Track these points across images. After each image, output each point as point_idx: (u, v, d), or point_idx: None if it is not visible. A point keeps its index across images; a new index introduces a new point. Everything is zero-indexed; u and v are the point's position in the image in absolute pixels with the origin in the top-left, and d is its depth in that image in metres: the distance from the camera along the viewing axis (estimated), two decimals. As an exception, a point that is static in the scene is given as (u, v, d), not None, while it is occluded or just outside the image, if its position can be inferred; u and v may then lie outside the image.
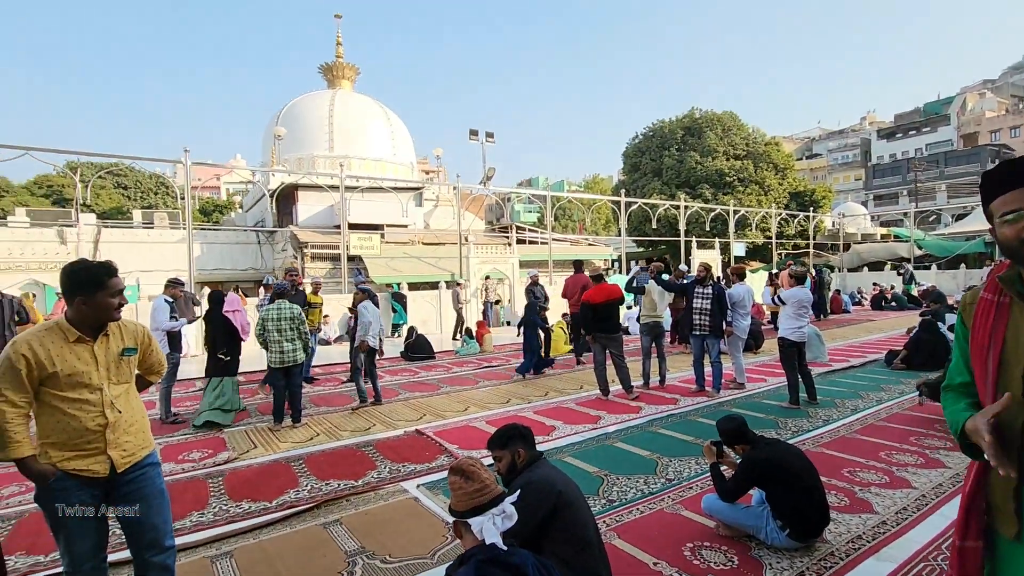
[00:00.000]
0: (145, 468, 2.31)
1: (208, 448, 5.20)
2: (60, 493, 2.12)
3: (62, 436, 2.12)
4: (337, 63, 30.62)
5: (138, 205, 38.25)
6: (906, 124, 57.28)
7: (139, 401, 2.39)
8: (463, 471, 1.96)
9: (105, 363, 2.22)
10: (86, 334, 2.19)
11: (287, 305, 5.97)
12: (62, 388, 2.11)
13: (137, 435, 2.30)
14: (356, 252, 17.82)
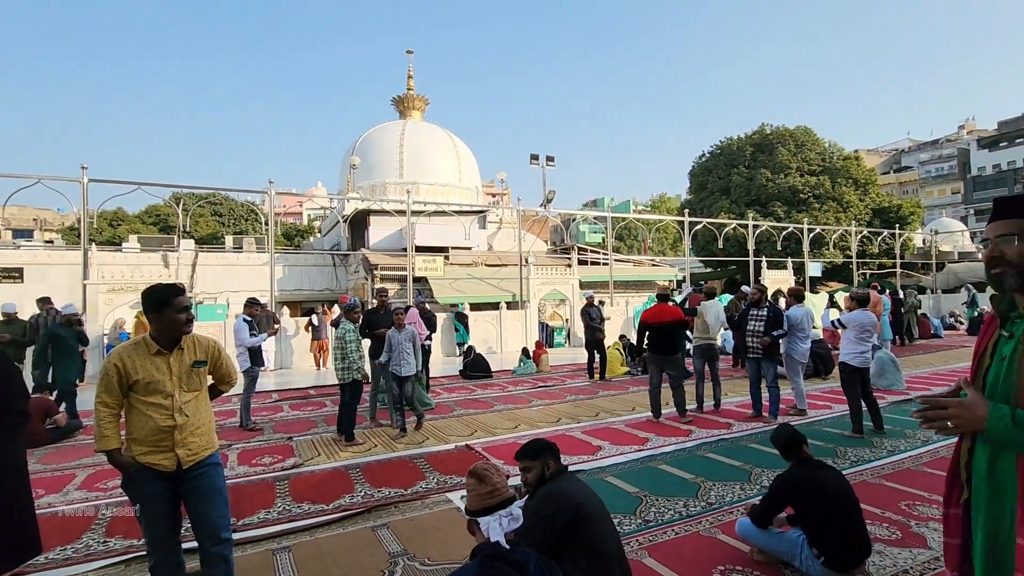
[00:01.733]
0: (207, 467, 2.67)
1: (278, 454, 5.69)
2: (138, 482, 2.54)
3: (141, 433, 2.54)
4: (408, 95, 32.37)
5: (231, 231, 41.76)
6: (1012, 132, 52.23)
7: (208, 407, 2.77)
8: (477, 474, 2.15)
9: (178, 373, 2.62)
10: (164, 347, 2.61)
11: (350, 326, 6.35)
12: (142, 393, 2.54)
13: (202, 437, 2.67)
14: (421, 274, 18.60)
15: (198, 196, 37.80)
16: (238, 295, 21.04)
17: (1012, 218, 1.49)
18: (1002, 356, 1.50)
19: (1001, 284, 1.49)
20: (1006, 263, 1.46)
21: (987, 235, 1.54)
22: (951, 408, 1.38)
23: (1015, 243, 1.45)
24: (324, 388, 10.02)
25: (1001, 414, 1.35)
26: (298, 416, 7.70)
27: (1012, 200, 1.52)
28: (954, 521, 1.62)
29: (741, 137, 32.90)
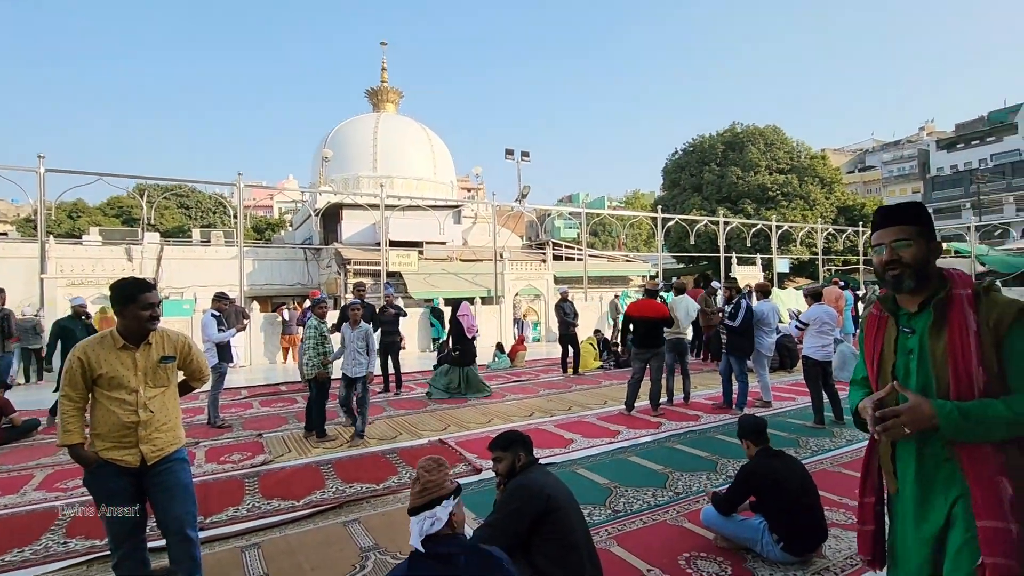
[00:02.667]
0: (173, 463, 2.64)
1: (248, 451, 5.60)
2: (100, 478, 2.50)
3: (104, 428, 2.50)
4: (382, 87, 31.94)
5: (198, 224, 40.66)
6: (968, 134, 54.38)
7: (175, 403, 2.73)
8: (416, 475, 2.10)
9: (144, 368, 2.58)
10: (130, 342, 2.57)
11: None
12: (106, 388, 2.50)
13: (168, 433, 2.63)
14: (395, 268, 18.44)
15: (163, 188, 36.70)
16: (206, 290, 20.51)
17: (902, 224, 1.61)
18: (908, 350, 1.60)
19: (899, 285, 1.59)
20: (904, 265, 1.57)
21: (881, 240, 1.64)
22: (904, 415, 1.45)
23: (910, 247, 1.57)
24: (295, 384, 9.87)
25: (947, 410, 1.43)
26: (268, 412, 7.59)
27: (903, 208, 1.65)
28: (868, 509, 1.74)
29: (713, 135, 33.51)
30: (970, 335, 1.48)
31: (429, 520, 1.91)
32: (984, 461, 1.44)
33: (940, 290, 1.57)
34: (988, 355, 1.47)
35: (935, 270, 1.61)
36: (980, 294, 1.53)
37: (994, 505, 1.40)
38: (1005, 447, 1.44)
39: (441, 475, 2.03)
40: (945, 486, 1.51)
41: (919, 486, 1.57)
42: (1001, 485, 1.41)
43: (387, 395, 8.61)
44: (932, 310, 1.56)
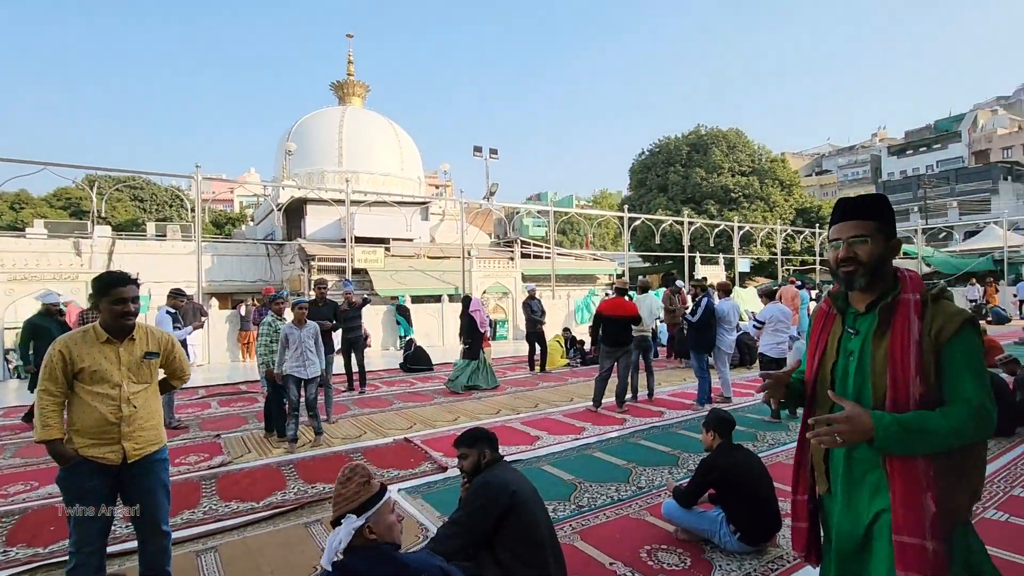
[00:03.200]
0: (154, 462, 2.59)
1: (205, 452, 5.43)
2: (77, 476, 2.43)
3: (85, 424, 2.43)
4: (348, 80, 31.34)
5: (153, 218, 39.07)
6: (917, 141, 57.10)
7: (158, 401, 2.68)
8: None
9: (127, 363, 2.52)
10: (114, 336, 2.51)
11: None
12: (87, 383, 2.44)
13: (150, 431, 2.58)
14: (361, 265, 18.16)
15: (116, 179, 35.14)
16: (161, 286, 19.67)
17: (861, 219, 1.54)
18: (849, 352, 1.57)
19: (851, 283, 1.55)
20: (858, 263, 1.52)
21: (837, 235, 1.58)
22: (838, 424, 1.41)
23: (867, 244, 1.51)
24: (256, 383, 9.60)
25: (885, 423, 1.38)
26: (227, 412, 7.37)
27: (863, 202, 1.57)
28: (801, 507, 1.71)
29: (678, 137, 34.18)
30: (911, 343, 1.43)
31: (335, 539, 1.85)
32: (911, 475, 1.39)
33: (890, 292, 1.52)
34: (927, 365, 1.42)
35: (891, 270, 1.55)
36: (928, 301, 1.48)
37: (915, 521, 1.37)
38: (934, 462, 1.39)
39: (349, 488, 1.93)
40: (871, 494, 1.48)
41: (846, 490, 1.54)
42: (924, 502, 1.37)
43: (351, 394, 8.47)
44: (877, 313, 1.52)
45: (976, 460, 1.47)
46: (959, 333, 1.42)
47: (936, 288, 1.52)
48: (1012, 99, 66.56)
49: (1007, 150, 48.00)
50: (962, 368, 1.41)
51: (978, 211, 43.02)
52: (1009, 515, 3.58)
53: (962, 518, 1.45)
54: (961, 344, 1.42)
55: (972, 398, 1.39)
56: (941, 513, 1.37)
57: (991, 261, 27.00)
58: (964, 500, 1.45)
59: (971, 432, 1.39)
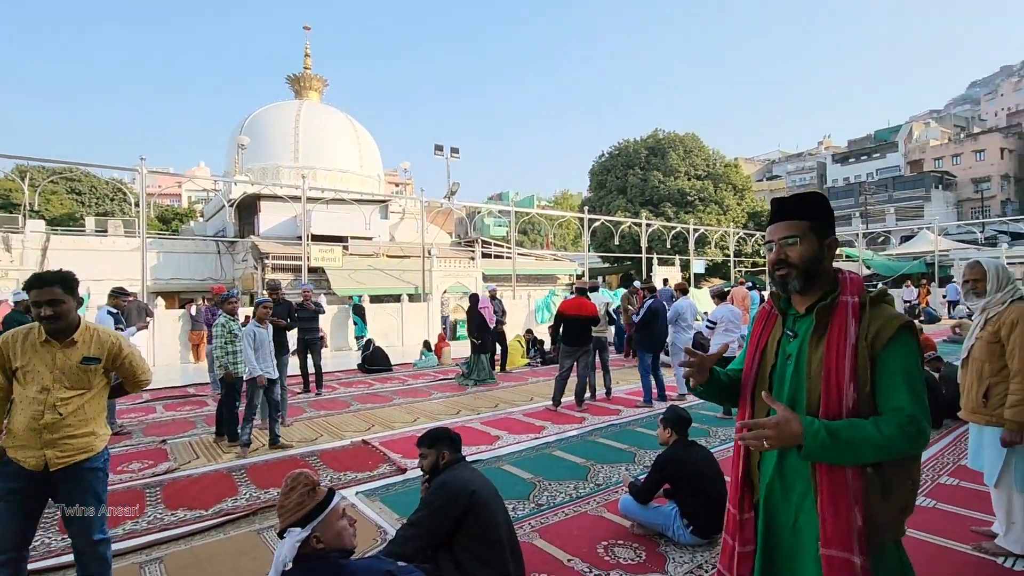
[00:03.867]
0: (85, 471, 2.44)
1: (149, 459, 5.18)
2: (1, 475, 2.32)
3: (15, 425, 2.33)
4: (305, 74, 30.51)
5: (92, 212, 36.97)
6: (858, 150, 60.30)
7: (96, 408, 2.52)
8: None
9: (62, 367, 2.39)
10: (54, 337, 2.39)
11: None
12: (20, 382, 2.35)
13: (81, 439, 2.43)
14: (318, 264, 17.74)
15: (50, 170, 33.09)
16: (102, 284, 18.68)
17: (792, 220, 1.50)
18: (787, 355, 1.52)
19: (785, 286, 1.50)
20: (790, 265, 1.48)
21: (770, 237, 1.53)
22: (767, 428, 1.35)
23: (798, 245, 1.47)
24: (204, 386, 9.25)
25: (815, 430, 1.32)
26: (174, 417, 7.06)
27: (791, 201, 1.52)
28: (750, 526, 1.55)
29: (637, 140, 34.89)
30: (847, 348, 1.38)
31: (280, 551, 1.79)
32: (839, 487, 1.35)
33: (829, 294, 1.46)
34: (862, 371, 1.37)
35: (829, 270, 1.50)
36: (866, 304, 1.43)
37: (842, 534, 1.33)
38: (862, 475, 1.35)
39: (292, 499, 1.86)
40: (799, 505, 1.43)
41: (776, 500, 1.48)
42: (852, 515, 1.33)
43: (307, 396, 8.26)
44: (814, 316, 1.46)
45: (907, 475, 1.41)
46: (895, 339, 1.37)
47: (876, 291, 1.47)
48: (943, 112, 71.19)
49: (938, 160, 51.22)
50: (897, 377, 1.35)
51: (912, 217, 45.75)
52: (937, 502, 3.83)
53: (894, 535, 1.42)
54: (897, 351, 1.37)
55: (905, 408, 1.32)
56: (869, 528, 1.34)
57: (924, 264, 28.78)
58: (894, 515, 1.39)
59: (901, 445, 1.31)
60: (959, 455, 4.80)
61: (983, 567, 2.94)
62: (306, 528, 1.81)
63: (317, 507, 1.86)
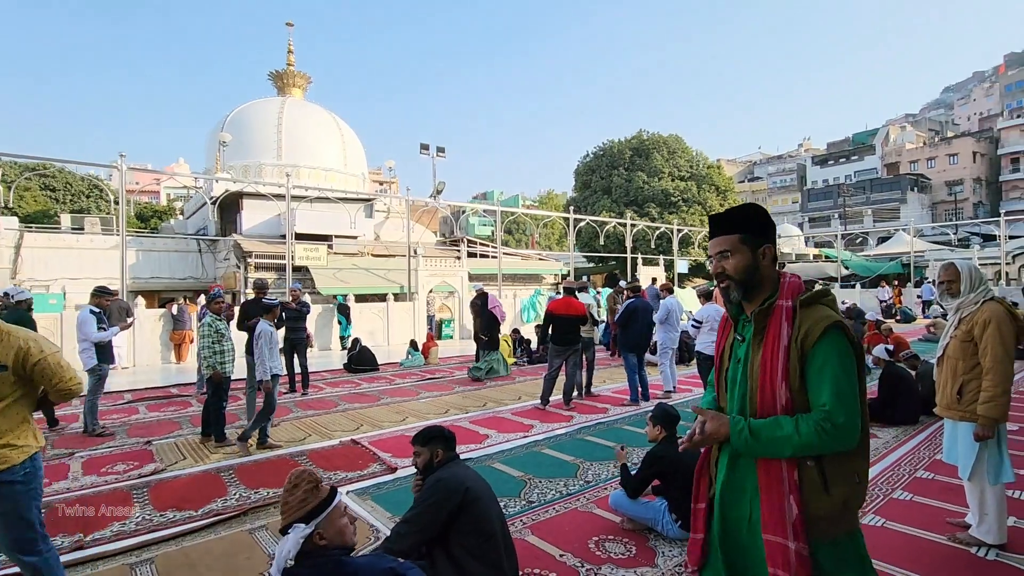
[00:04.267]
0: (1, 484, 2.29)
1: (134, 460, 5.12)
2: None
3: None
4: (288, 71, 30.18)
5: (67, 209, 36.12)
6: (837, 152, 61.51)
7: (13, 419, 2.35)
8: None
9: None
10: None
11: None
12: None
13: None
14: (302, 263, 17.58)
15: (24, 166, 32.28)
16: (78, 283, 18.36)
17: (725, 234, 1.59)
18: (737, 358, 1.62)
19: (728, 296, 1.61)
20: (728, 277, 1.58)
21: (710, 252, 1.66)
22: (696, 435, 1.48)
23: (730, 258, 1.57)
24: (188, 386, 9.13)
25: (740, 428, 1.43)
26: (158, 418, 6.96)
27: (722, 217, 1.62)
28: (701, 515, 1.68)
29: (621, 141, 35.14)
30: (780, 348, 1.47)
31: (283, 546, 1.83)
32: (774, 477, 1.44)
33: (769, 299, 1.54)
34: (793, 372, 1.45)
35: (769, 276, 1.57)
36: (798, 306, 1.50)
37: (777, 521, 1.42)
38: (795, 467, 1.43)
39: (296, 495, 1.91)
40: (751, 496, 1.52)
41: (731, 492, 1.57)
42: (787, 504, 1.42)
43: (293, 395, 8.21)
44: (753, 320, 1.56)
45: (850, 469, 1.47)
46: (822, 338, 1.43)
47: (813, 292, 1.54)
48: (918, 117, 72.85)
49: (914, 163, 52.46)
50: (822, 374, 1.42)
51: (889, 219, 46.82)
52: (913, 495, 3.96)
53: (843, 528, 1.47)
54: (823, 350, 1.43)
55: (825, 405, 1.39)
56: (807, 518, 1.42)
57: (900, 265, 29.48)
58: (836, 508, 1.44)
59: (817, 443, 1.37)
60: (935, 450, 4.96)
61: (958, 557, 3.06)
62: (309, 525, 1.84)
63: (320, 504, 1.89)
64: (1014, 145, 47.77)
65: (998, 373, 2.91)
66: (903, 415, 5.85)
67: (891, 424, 5.79)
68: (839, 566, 1.47)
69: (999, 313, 2.99)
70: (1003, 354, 2.93)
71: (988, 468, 3.04)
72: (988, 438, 2.97)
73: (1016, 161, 47.89)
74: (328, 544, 1.86)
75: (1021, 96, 56.37)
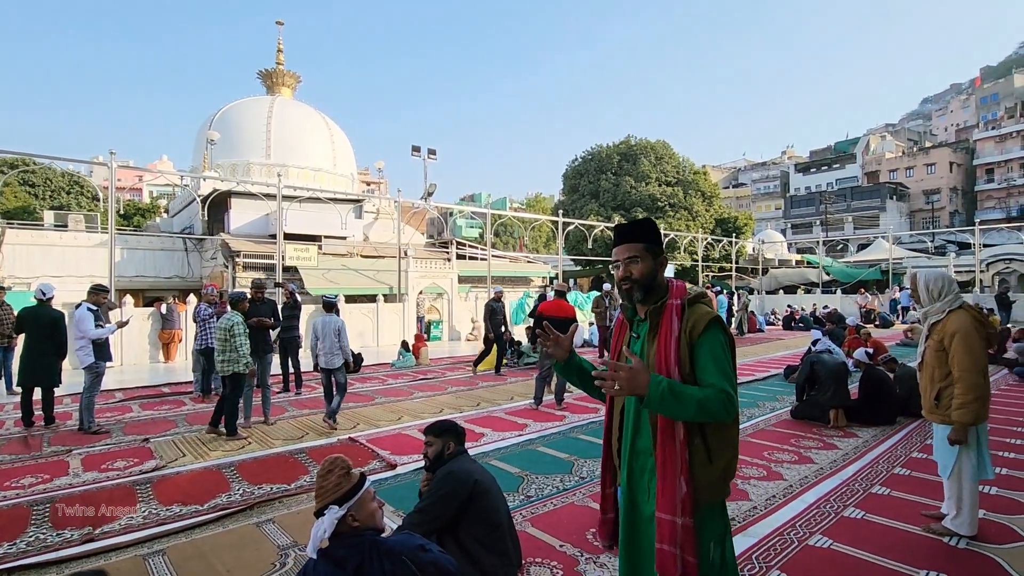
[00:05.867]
0: None
1: (134, 457, 5.16)
2: None
3: None
4: (278, 70, 30.01)
5: (47, 205, 35.49)
6: (819, 160, 62.69)
7: None
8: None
9: None
10: None
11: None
12: None
13: None
14: (292, 263, 17.53)
15: (3, 161, 31.67)
16: (60, 281, 18.06)
17: (633, 243, 1.79)
18: (634, 353, 1.79)
19: (631, 297, 1.81)
20: (633, 280, 1.77)
21: (616, 257, 1.83)
22: (621, 371, 1.57)
23: (638, 263, 1.77)
24: (179, 385, 9.12)
25: (659, 381, 1.58)
26: (152, 416, 6.97)
27: (632, 227, 1.82)
28: (609, 499, 1.97)
29: (609, 146, 35.49)
30: (672, 340, 1.70)
31: (320, 528, 1.94)
32: (670, 459, 1.64)
33: (659, 299, 1.77)
34: (684, 357, 1.69)
35: (663, 281, 1.80)
36: (686, 305, 1.74)
37: (670, 499, 1.62)
38: (688, 445, 1.64)
39: (331, 480, 2.01)
40: (649, 479, 1.74)
41: (633, 476, 1.80)
42: (678, 483, 1.62)
43: (287, 395, 8.26)
44: (647, 317, 1.79)
45: (726, 442, 1.70)
46: (706, 331, 1.69)
47: (694, 294, 1.80)
48: (897, 127, 74.53)
49: (893, 172, 53.71)
50: (708, 359, 1.67)
51: (869, 226, 47.87)
52: (891, 489, 4.18)
53: (717, 498, 1.71)
54: (708, 340, 1.68)
55: (715, 383, 1.62)
56: (693, 490, 1.63)
57: (879, 271, 30.19)
58: (717, 477, 1.68)
59: (716, 408, 1.59)
60: (911, 448, 5.21)
61: (932, 546, 3.27)
62: (343, 507, 1.97)
63: (352, 488, 2.02)
64: (989, 156, 49.16)
65: (965, 382, 3.11)
66: (881, 415, 6.10)
67: (870, 424, 6.03)
68: (711, 530, 1.70)
69: (965, 324, 3.17)
70: (970, 364, 3.12)
71: (966, 467, 3.25)
72: (961, 443, 3.18)
73: (991, 172, 49.28)
74: (360, 526, 1.99)
75: (996, 108, 58.04)
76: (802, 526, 3.53)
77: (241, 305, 6.07)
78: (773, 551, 3.19)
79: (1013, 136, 47.84)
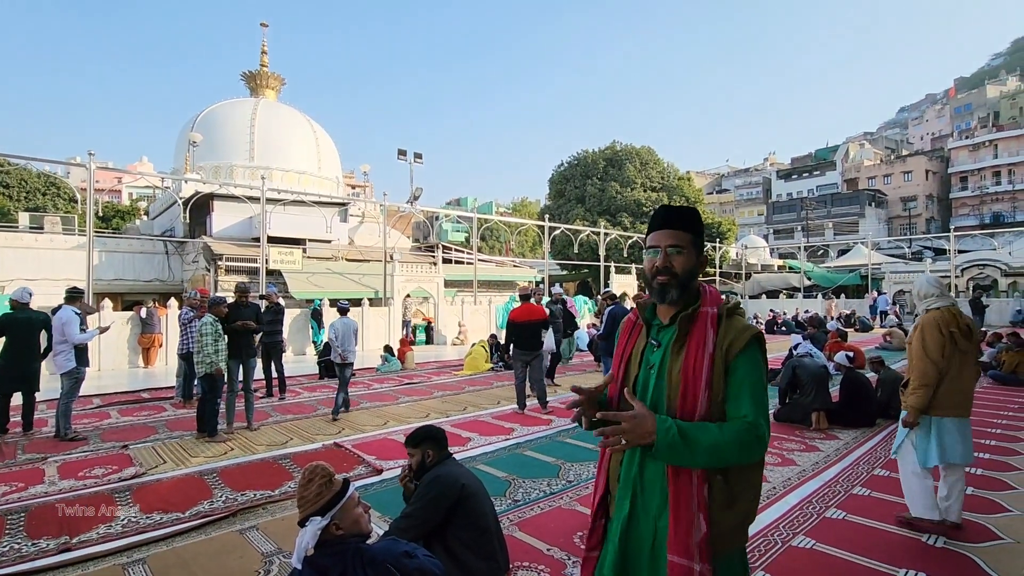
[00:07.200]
0: None
1: (112, 464, 5.05)
2: None
3: None
4: (262, 72, 29.75)
5: (22, 207, 34.65)
6: (800, 167, 63.79)
7: None
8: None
9: None
10: None
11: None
12: None
13: None
14: (276, 266, 17.36)
15: (-23, 161, 30.86)
16: (36, 284, 17.62)
17: (680, 230, 1.51)
18: (650, 364, 1.52)
19: (664, 295, 1.50)
20: (672, 274, 1.48)
21: (655, 243, 1.52)
22: (624, 423, 1.36)
23: (683, 255, 1.49)
24: (160, 390, 8.96)
25: (667, 427, 1.34)
26: (131, 422, 6.83)
27: (682, 212, 1.54)
28: (599, 532, 1.59)
29: (595, 151, 35.74)
30: (705, 356, 1.42)
31: (302, 538, 1.93)
32: (686, 493, 1.38)
33: (691, 305, 1.50)
34: (717, 379, 1.42)
35: (697, 284, 1.54)
36: (723, 315, 1.47)
37: (685, 542, 1.36)
38: (706, 481, 1.38)
39: (311, 489, 1.99)
40: (658, 513, 1.45)
41: (637, 508, 1.49)
42: (696, 523, 1.36)
43: (271, 400, 8.16)
44: (677, 325, 1.49)
45: (749, 485, 1.45)
46: (746, 349, 1.43)
47: (731, 303, 1.53)
48: (875, 135, 76.18)
49: (872, 179, 54.82)
50: (744, 385, 1.41)
51: (848, 232, 48.76)
52: (871, 490, 4.26)
53: (738, 543, 1.46)
54: (747, 361, 1.43)
55: (748, 416, 1.38)
56: (714, 535, 1.37)
57: (859, 276, 30.78)
58: (736, 524, 1.43)
59: (736, 453, 1.36)
60: (890, 450, 5.30)
61: (912, 546, 3.33)
62: (326, 516, 1.95)
63: (335, 497, 2.00)
64: (963, 164, 50.48)
65: (917, 370, 3.44)
66: (862, 418, 6.21)
67: (851, 426, 6.13)
68: None
69: (927, 321, 3.49)
70: (921, 353, 3.43)
71: (907, 449, 3.53)
72: (910, 425, 3.46)
73: (964, 179, 50.59)
74: (345, 533, 1.97)
75: (969, 118, 59.69)
76: (786, 527, 3.58)
77: (217, 308, 6.02)
78: (758, 552, 3.22)
79: (986, 145, 49.17)
